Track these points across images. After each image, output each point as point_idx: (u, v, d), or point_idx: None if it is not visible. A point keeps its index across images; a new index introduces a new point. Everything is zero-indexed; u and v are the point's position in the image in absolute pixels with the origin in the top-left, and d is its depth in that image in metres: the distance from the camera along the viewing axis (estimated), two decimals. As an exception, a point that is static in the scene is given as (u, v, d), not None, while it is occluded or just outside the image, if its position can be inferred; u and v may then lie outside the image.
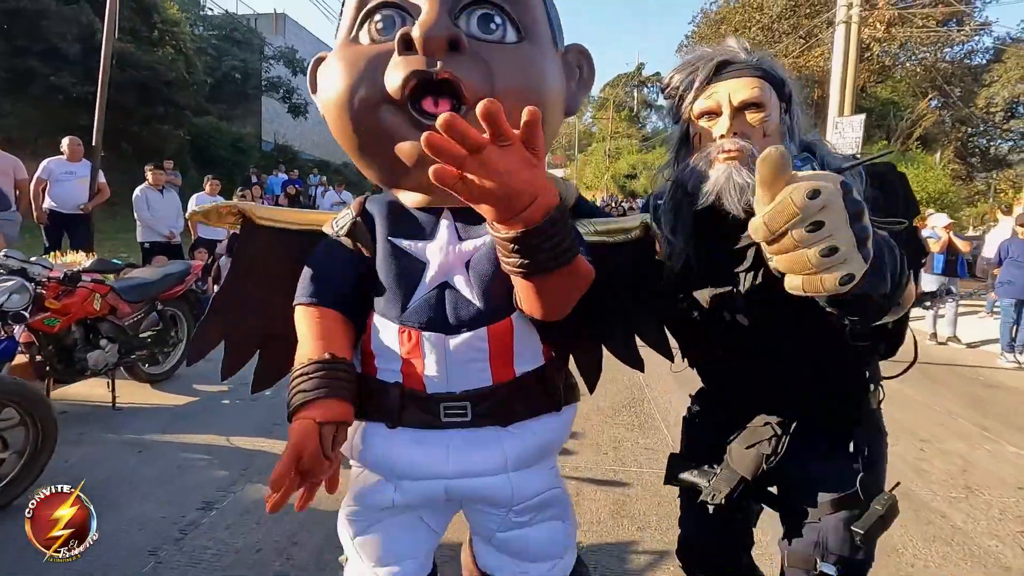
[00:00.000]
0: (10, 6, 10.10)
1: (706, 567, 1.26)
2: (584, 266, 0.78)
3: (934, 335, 6.07)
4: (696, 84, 1.00)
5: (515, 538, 1.04)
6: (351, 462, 1.04)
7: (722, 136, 0.96)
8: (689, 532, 1.27)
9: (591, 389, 1.12)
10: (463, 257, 0.94)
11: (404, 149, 0.88)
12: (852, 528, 0.98)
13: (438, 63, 0.83)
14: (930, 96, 18.53)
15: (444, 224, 0.95)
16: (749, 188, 0.93)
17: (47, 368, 2.95)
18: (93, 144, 5.22)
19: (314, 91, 1.02)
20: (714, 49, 1.03)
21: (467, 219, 0.95)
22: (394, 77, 0.85)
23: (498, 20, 0.90)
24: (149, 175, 5.52)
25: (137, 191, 5.50)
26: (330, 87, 0.92)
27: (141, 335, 3.35)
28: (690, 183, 1.00)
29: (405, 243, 0.95)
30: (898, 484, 1.02)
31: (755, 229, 0.61)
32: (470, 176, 0.58)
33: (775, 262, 0.62)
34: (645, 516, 2.21)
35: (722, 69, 1.00)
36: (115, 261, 3.50)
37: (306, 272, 0.97)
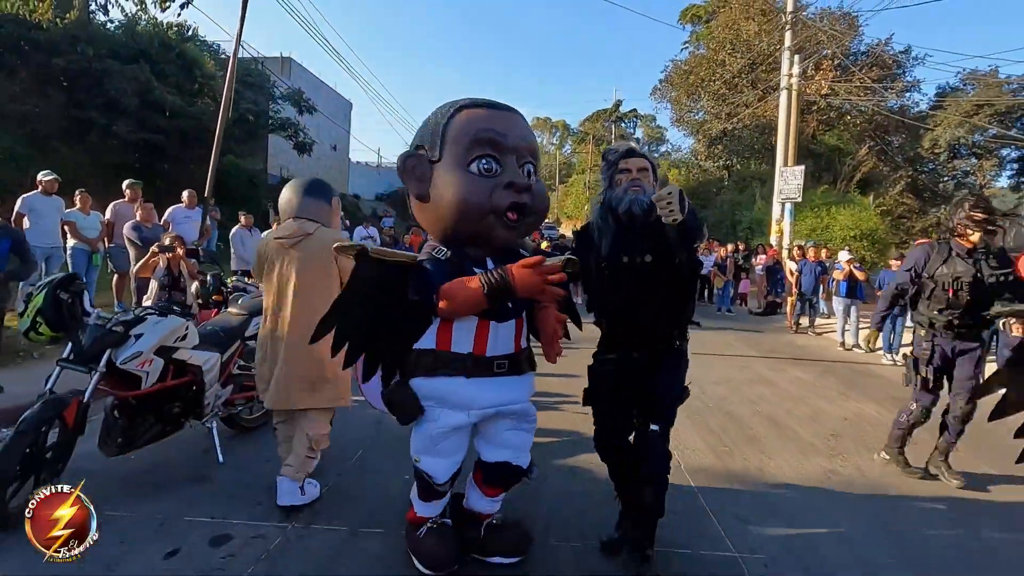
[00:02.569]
0: (78, 67, 11.74)
1: (610, 446, 2.25)
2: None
3: (842, 343, 7.96)
4: (618, 158, 2.12)
5: (511, 436, 2.03)
6: (428, 403, 1.92)
7: (631, 180, 2.08)
8: (603, 426, 2.25)
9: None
10: None
11: (497, 237, 1.88)
12: (671, 405, 2.12)
13: (522, 197, 1.85)
14: (869, 143, 20.98)
15: (489, 262, 1.89)
16: (644, 205, 2.00)
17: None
18: (205, 195, 6.85)
19: (408, 176, 1.91)
20: (627, 142, 2.25)
21: (501, 261, 1.85)
22: (502, 201, 1.82)
23: (533, 170, 1.94)
24: (242, 218, 7.21)
25: (234, 230, 7.16)
26: (460, 198, 1.81)
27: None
28: (615, 203, 2.08)
29: (477, 270, 1.85)
30: (690, 383, 2.21)
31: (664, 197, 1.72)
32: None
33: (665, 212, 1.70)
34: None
35: (630, 152, 2.13)
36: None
37: (434, 276, 1.82)
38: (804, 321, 9.38)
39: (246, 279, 4.36)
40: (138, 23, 13.36)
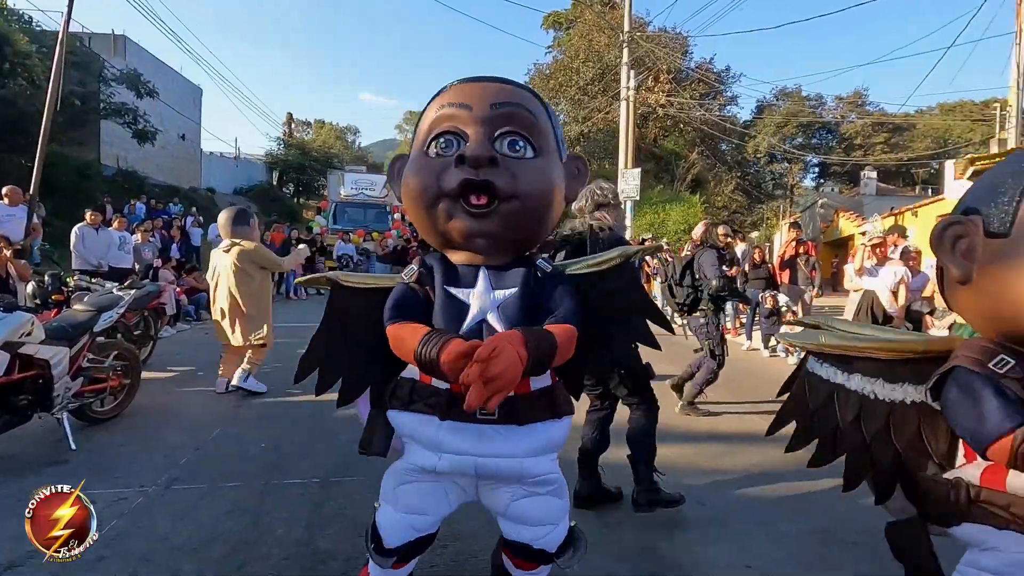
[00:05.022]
0: None
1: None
2: (565, 339, 1.28)
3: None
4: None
5: (521, 507, 1.44)
6: (404, 439, 1.47)
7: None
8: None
9: (576, 399, 1.63)
10: (495, 302, 1.36)
11: (456, 227, 1.37)
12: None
13: (479, 173, 1.30)
14: (699, 148, 24.06)
15: (481, 276, 1.38)
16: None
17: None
18: (31, 191, 6.39)
19: (393, 179, 1.55)
20: (612, 185, 2.97)
21: (498, 273, 1.40)
22: (451, 181, 1.33)
23: (521, 143, 1.38)
24: (88, 215, 6.82)
25: (76, 228, 6.74)
26: (410, 184, 1.42)
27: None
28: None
29: (454, 290, 1.37)
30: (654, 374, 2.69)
31: None
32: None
33: None
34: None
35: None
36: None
37: (391, 304, 1.40)
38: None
39: (89, 279, 4.38)
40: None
